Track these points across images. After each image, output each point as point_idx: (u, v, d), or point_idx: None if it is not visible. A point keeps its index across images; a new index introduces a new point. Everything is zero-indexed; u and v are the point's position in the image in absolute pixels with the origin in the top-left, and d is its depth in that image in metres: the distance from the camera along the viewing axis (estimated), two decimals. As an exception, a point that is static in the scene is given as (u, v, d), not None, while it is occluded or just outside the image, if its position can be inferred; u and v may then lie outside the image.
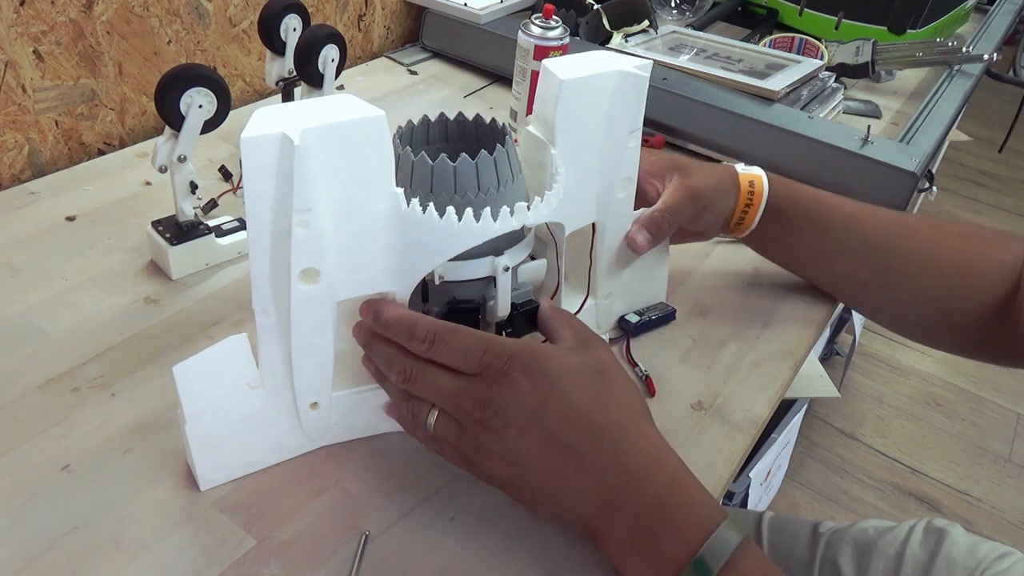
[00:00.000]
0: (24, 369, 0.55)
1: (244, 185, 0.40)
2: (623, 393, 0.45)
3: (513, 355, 0.42)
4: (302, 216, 0.40)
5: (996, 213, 2.71)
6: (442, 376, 0.43)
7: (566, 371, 0.43)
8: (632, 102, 0.52)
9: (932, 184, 0.86)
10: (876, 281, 0.63)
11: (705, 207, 0.60)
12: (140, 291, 0.63)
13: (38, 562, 0.43)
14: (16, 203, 0.72)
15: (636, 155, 0.55)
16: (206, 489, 0.47)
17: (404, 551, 0.45)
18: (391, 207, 0.43)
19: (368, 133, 0.41)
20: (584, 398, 0.43)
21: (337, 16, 1.04)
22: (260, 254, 0.42)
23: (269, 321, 0.44)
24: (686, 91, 0.90)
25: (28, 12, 0.72)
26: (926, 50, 1.09)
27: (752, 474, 1.27)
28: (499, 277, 0.48)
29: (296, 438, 0.49)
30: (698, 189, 0.60)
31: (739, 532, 0.40)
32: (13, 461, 0.48)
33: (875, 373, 1.93)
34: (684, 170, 0.61)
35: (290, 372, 0.46)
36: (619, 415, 0.43)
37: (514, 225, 0.46)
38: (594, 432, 0.42)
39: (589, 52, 0.53)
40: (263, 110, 0.40)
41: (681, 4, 1.27)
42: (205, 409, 0.45)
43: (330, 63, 0.69)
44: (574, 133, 0.50)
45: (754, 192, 0.62)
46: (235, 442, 0.47)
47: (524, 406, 0.42)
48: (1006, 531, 1.56)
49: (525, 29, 0.85)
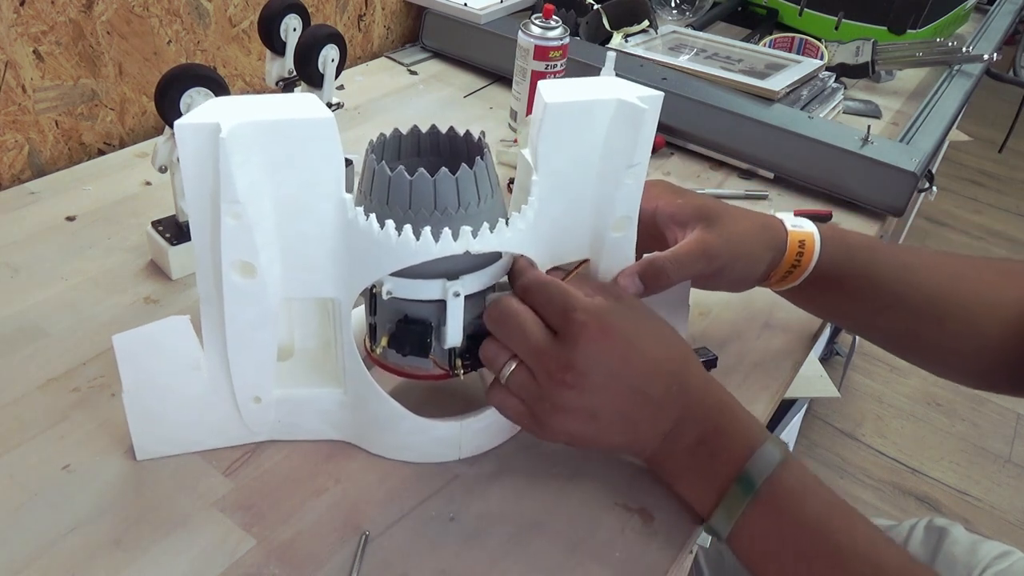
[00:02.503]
0: (24, 369, 0.55)
1: (182, 169, 0.40)
2: (669, 329, 0.48)
3: (593, 315, 0.44)
4: (231, 207, 0.40)
5: (996, 213, 2.71)
6: (536, 329, 0.45)
7: (637, 328, 0.46)
8: (630, 135, 0.47)
9: (932, 184, 0.86)
10: (930, 333, 0.59)
11: (723, 269, 0.54)
12: (140, 291, 0.63)
13: (38, 562, 0.43)
14: (16, 203, 0.72)
15: (637, 193, 0.50)
16: (142, 459, 0.49)
17: (404, 551, 0.45)
18: (339, 212, 0.43)
19: (314, 135, 0.40)
20: (655, 349, 0.46)
21: (337, 16, 1.04)
22: (201, 238, 0.43)
23: (211, 309, 0.45)
24: (686, 91, 0.90)
25: (28, 12, 0.72)
26: (926, 50, 1.09)
27: (752, 474, 1.26)
28: (449, 302, 0.46)
29: (239, 427, 0.50)
30: (716, 247, 0.54)
31: (778, 448, 0.45)
32: (13, 461, 0.48)
33: (875, 373, 1.93)
34: (712, 221, 0.55)
35: (227, 365, 0.46)
36: (682, 357, 0.47)
37: (456, 249, 0.43)
38: (668, 379, 0.46)
39: (598, 77, 0.50)
40: (218, 100, 0.40)
41: (681, 4, 1.27)
42: (145, 383, 0.46)
43: (330, 63, 0.69)
44: (560, 161, 0.47)
45: (804, 253, 0.57)
46: (174, 420, 0.48)
47: (608, 365, 0.44)
48: (1006, 531, 1.56)
49: (525, 29, 0.85)
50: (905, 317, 0.59)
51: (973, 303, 0.59)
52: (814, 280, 0.58)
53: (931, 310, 0.58)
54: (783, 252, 0.57)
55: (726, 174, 0.89)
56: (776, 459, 0.44)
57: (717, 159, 0.90)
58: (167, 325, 0.45)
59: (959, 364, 0.62)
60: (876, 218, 0.83)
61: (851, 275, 0.58)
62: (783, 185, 0.86)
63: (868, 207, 0.83)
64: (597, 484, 0.50)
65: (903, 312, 0.59)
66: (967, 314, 0.59)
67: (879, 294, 0.59)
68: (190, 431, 0.49)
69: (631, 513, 0.49)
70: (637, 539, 0.47)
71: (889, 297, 0.59)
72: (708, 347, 0.61)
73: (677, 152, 0.92)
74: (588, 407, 0.45)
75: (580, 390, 0.44)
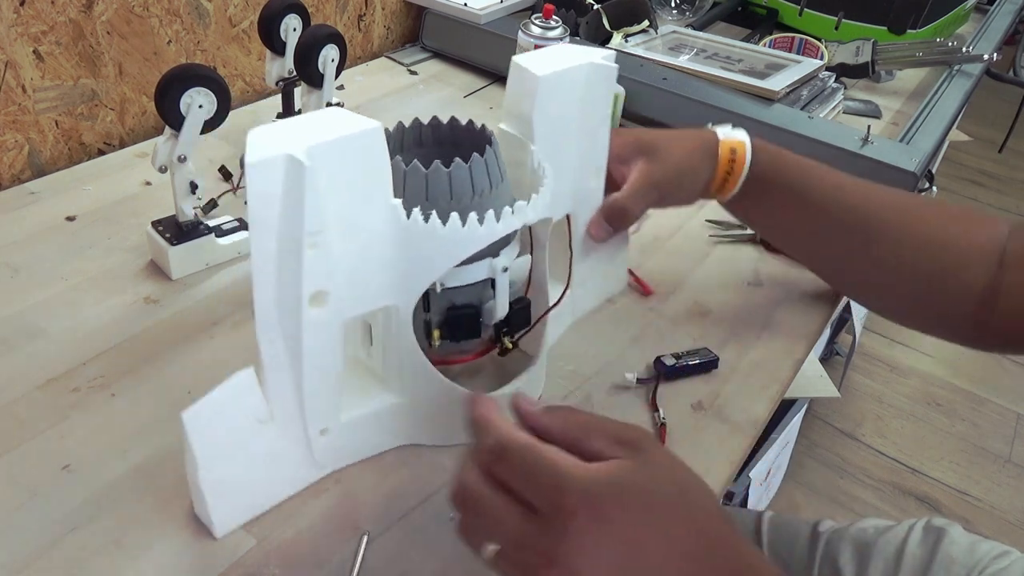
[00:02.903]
0: (24, 369, 0.55)
1: (250, 212, 0.38)
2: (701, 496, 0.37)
3: (592, 499, 0.34)
4: (313, 238, 0.39)
5: (996, 213, 2.70)
6: (506, 508, 0.35)
7: (651, 500, 0.35)
8: (603, 92, 0.53)
9: (932, 184, 0.86)
10: (857, 256, 0.60)
11: (671, 190, 0.59)
12: (140, 291, 0.63)
13: (38, 562, 0.43)
14: (16, 203, 0.72)
15: (606, 144, 0.56)
16: (222, 536, 0.45)
17: (404, 551, 0.45)
18: (391, 219, 0.42)
19: (367, 146, 0.40)
20: (677, 530, 0.35)
21: (337, 16, 1.04)
22: (265, 283, 0.40)
23: (276, 350, 0.42)
24: (686, 91, 0.90)
25: (28, 12, 0.72)
26: (926, 50, 1.09)
27: (752, 474, 1.27)
28: (498, 278, 0.48)
29: (306, 468, 0.48)
30: (661, 174, 0.58)
31: None
32: (13, 461, 0.48)
33: (875, 373, 1.93)
34: (651, 153, 0.59)
35: (300, 401, 0.44)
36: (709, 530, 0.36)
37: (516, 225, 0.46)
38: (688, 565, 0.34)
39: (551, 47, 0.54)
40: (257, 130, 0.38)
41: (681, 4, 1.27)
42: (217, 453, 0.43)
43: (330, 63, 0.69)
44: (552, 128, 0.51)
45: (735, 160, 0.59)
46: (247, 481, 0.45)
47: (608, 562, 0.33)
48: (1006, 531, 1.56)
49: (525, 29, 0.85)
50: (829, 236, 0.60)
51: (900, 232, 0.58)
52: (748, 191, 0.60)
53: (855, 233, 0.58)
54: (714, 155, 0.59)
55: (726, 174, 0.89)
56: None
57: (717, 159, 0.90)
58: (232, 385, 0.42)
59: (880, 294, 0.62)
60: (876, 218, 0.83)
61: (780, 185, 0.60)
62: (783, 185, 0.86)
63: (868, 207, 0.82)
64: (597, 484, 0.50)
65: (828, 231, 0.60)
66: (890, 242, 0.58)
67: (806, 208, 0.60)
68: (262, 488, 0.46)
69: (631, 513, 0.49)
70: (637, 539, 0.47)
71: (814, 213, 0.59)
72: (709, 347, 0.61)
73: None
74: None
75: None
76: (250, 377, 0.43)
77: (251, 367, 0.43)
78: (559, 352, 0.60)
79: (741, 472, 1.27)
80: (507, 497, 0.36)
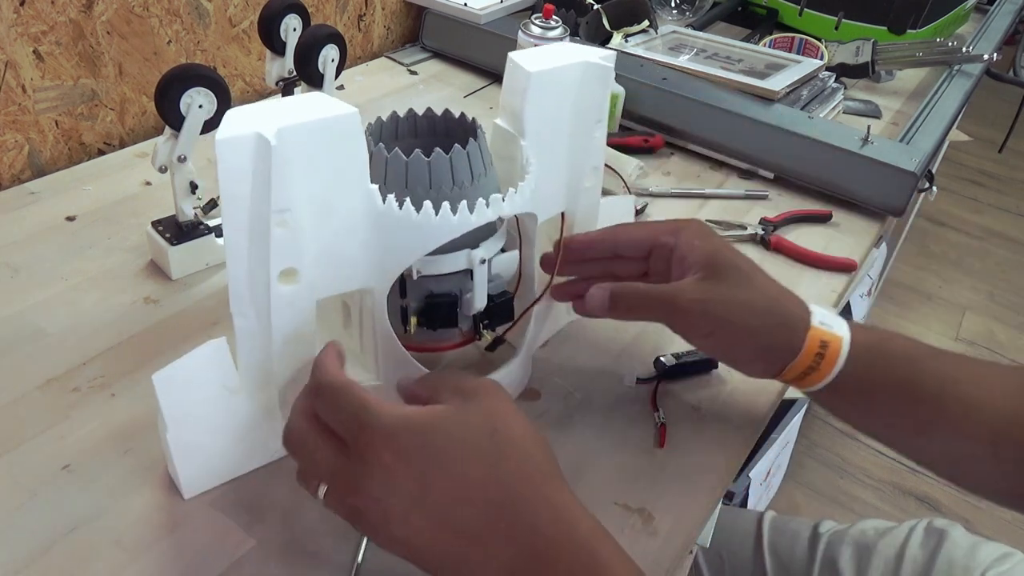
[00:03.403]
0: (24, 369, 0.55)
1: (221, 188, 0.39)
2: (520, 452, 0.38)
3: (386, 432, 0.37)
4: (280, 216, 0.40)
5: (996, 213, 2.71)
6: (324, 446, 0.39)
7: (451, 442, 0.37)
8: (598, 92, 0.53)
9: (932, 184, 0.86)
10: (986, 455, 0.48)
11: (714, 332, 0.49)
12: (140, 291, 0.63)
13: (38, 562, 0.43)
14: (16, 203, 0.72)
15: (602, 144, 0.56)
16: (190, 497, 0.47)
17: (404, 551, 0.45)
18: (367, 204, 0.43)
19: (342, 130, 0.41)
20: (475, 472, 0.37)
21: (337, 16, 1.04)
22: (237, 257, 0.41)
23: (248, 323, 0.43)
24: (686, 91, 0.90)
25: (28, 12, 0.72)
26: (926, 50, 1.09)
27: (752, 474, 1.27)
28: (476, 270, 0.48)
29: (276, 441, 0.48)
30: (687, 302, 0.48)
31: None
32: (13, 461, 0.48)
33: (875, 373, 1.93)
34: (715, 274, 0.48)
35: (270, 374, 0.45)
36: (516, 485, 0.37)
37: (490, 217, 0.46)
38: (490, 508, 0.36)
39: (551, 44, 0.54)
40: (235, 111, 0.40)
41: (681, 4, 1.27)
42: (185, 416, 0.45)
43: (330, 63, 0.69)
44: (543, 124, 0.51)
45: (825, 356, 0.48)
46: (216, 447, 0.47)
47: (403, 492, 0.36)
48: (1006, 531, 1.56)
49: (525, 29, 0.85)
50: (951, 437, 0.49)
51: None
52: (839, 388, 0.49)
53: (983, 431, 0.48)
54: (797, 347, 0.48)
55: (726, 174, 0.89)
56: None
57: (717, 159, 0.90)
58: (203, 352, 0.44)
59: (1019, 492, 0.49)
60: (876, 218, 0.83)
61: (885, 388, 0.49)
62: (783, 185, 0.86)
63: (868, 207, 0.83)
64: (597, 484, 0.50)
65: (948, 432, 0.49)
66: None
67: (918, 410, 0.49)
68: (232, 457, 0.48)
69: (631, 513, 0.49)
70: (637, 539, 0.47)
71: (930, 413, 0.49)
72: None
73: (677, 152, 0.92)
74: (398, 538, 0.37)
75: (377, 517, 0.37)
76: (222, 345, 0.45)
77: (223, 337, 0.45)
78: (559, 352, 0.60)
79: (741, 472, 1.27)
80: (326, 435, 0.39)
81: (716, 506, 0.56)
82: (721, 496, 0.53)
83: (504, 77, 0.51)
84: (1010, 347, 2.09)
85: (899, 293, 2.26)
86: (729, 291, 0.48)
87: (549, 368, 0.59)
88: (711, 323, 0.48)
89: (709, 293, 0.48)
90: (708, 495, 0.51)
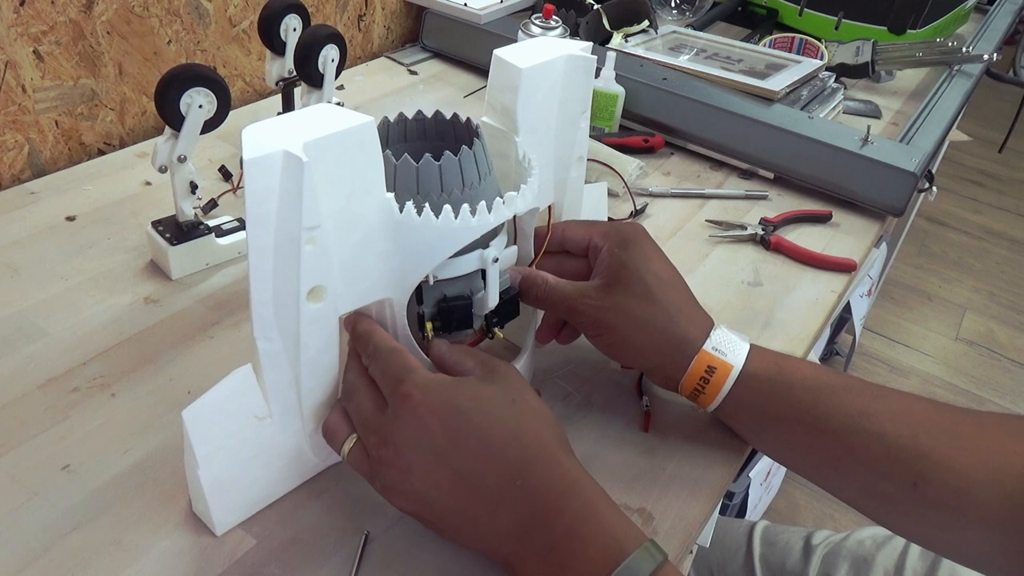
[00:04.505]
0: (24, 369, 0.55)
1: (247, 209, 0.38)
2: (537, 422, 0.42)
3: (424, 387, 0.41)
4: (311, 233, 0.39)
5: (996, 213, 2.71)
6: (367, 399, 0.43)
7: (478, 406, 0.41)
8: (582, 83, 0.53)
9: (932, 184, 0.86)
10: (905, 496, 0.46)
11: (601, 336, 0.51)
12: (140, 291, 0.63)
13: (38, 562, 0.43)
14: (16, 203, 0.72)
15: (586, 134, 0.56)
16: (222, 534, 0.45)
17: (404, 551, 0.45)
18: (384, 213, 0.43)
19: (361, 141, 0.40)
20: (497, 433, 0.41)
21: (337, 16, 1.04)
22: (262, 279, 0.40)
23: (272, 347, 0.42)
24: (686, 91, 0.90)
25: (28, 12, 0.72)
26: (926, 50, 1.09)
27: (752, 474, 1.27)
28: (489, 269, 0.48)
29: (305, 462, 0.48)
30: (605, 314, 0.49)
31: (652, 560, 0.38)
32: (13, 461, 0.48)
33: (875, 373, 1.93)
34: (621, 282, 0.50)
35: (298, 396, 0.44)
36: (533, 446, 0.41)
37: (507, 215, 0.46)
38: (510, 467, 0.40)
39: (529, 40, 0.54)
40: (252, 127, 0.39)
41: (681, 4, 1.27)
42: (216, 450, 0.43)
43: (330, 63, 0.69)
44: (534, 119, 0.51)
45: (711, 380, 0.49)
46: (247, 479, 0.45)
47: (429, 446, 0.40)
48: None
49: (525, 29, 0.85)
50: (863, 473, 0.48)
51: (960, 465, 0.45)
52: (737, 414, 0.50)
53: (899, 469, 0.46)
54: (683, 368, 0.49)
55: (726, 174, 0.89)
56: (645, 572, 0.37)
57: (717, 159, 0.90)
58: (231, 383, 0.43)
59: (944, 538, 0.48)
60: (876, 218, 0.83)
61: (785, 416, 0.49)
62: (783, 185, 0.86)
63: (868, 207, 0.83)
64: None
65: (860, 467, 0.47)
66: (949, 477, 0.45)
67: (825, 443, 0.48)
68: (261, 486, 0.46)
69: (631, 513, 0.49)
70: (637, 539, 0.47)
71: (838, 448, 0.48)
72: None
73: (677, 152, 0.92)
74: (416, 491, 0.41)
75: (400, 470, 0.40)
76: (249, 374, 0.43)
77: (248, 364, 0.43)
78: (558, 352, 0.60)
79: (741, 472, 1.27)
80: (372, 389, 0.43)
81: (716, 506, 0.56)
82: (721, 496, 0.53)
83: (490, 74, 0.51)
84: (1009, 347, 2.09)
85: (899, 293, 2.26)
86: (625, 302, 0.49)
87: (549, 368, 0.59)
88: (601, 329, 0.50)
89: (604, 301, 0.50)
90: (708, 495, 0.51)
